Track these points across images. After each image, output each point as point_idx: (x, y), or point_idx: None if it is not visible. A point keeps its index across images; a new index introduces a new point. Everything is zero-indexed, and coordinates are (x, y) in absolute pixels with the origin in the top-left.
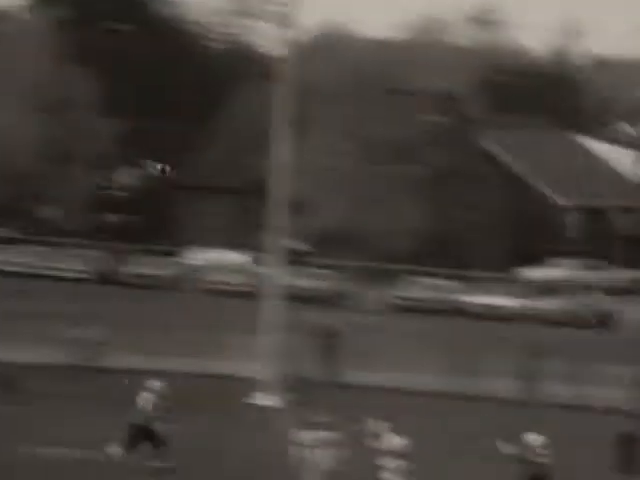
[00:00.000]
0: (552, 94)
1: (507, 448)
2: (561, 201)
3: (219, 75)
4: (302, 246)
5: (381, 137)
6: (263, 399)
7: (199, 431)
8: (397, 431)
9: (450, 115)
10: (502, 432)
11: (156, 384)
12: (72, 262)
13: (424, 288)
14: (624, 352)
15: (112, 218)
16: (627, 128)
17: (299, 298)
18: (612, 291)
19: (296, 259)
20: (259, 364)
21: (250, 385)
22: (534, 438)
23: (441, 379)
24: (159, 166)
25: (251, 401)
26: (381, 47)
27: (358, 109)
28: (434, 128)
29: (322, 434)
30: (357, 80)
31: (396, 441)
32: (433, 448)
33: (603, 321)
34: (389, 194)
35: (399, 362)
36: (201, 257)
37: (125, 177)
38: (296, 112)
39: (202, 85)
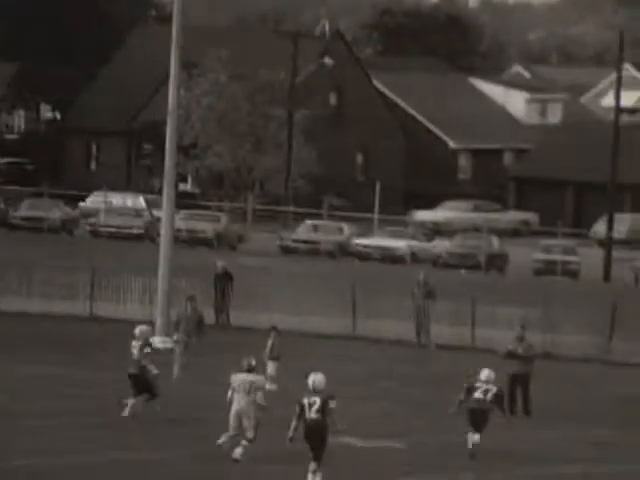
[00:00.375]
0: (445, 36)
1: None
2: (453, 143)
3: (113, 19)
4: (192, 188)
5: (271, 79)
6: (157, 342)
7: (98, 374)
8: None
9: (342, 57)
10: (394, 373)
11: (144, 329)
12: None
13: (316, 230)
14: (514, 294)
15: (2, 161)
16: (520, 71)
17: (190, 240)
18: (503, 233)
19: (186, 201)
20: (151, 307)
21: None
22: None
23: (333, 321)
24: (51, 109)
25: None
26: None
27: (247, 51)
28: (325, 70)
29: (243, 375)
30: (246, 22)
31: (315, 378)
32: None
33: (494, 263)
34: (280, 136)
35: (291, 304)
36: (93, 200)
37: (17, 120)
38: (187, 55)
39: (97, 28)
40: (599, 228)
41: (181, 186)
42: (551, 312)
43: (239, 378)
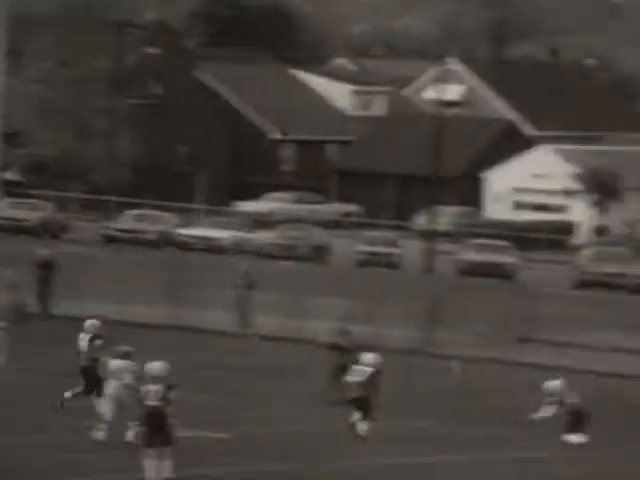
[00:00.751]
0: (269, 28)
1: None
2: (277, 134)
3: None
4: (16, 176)
5: (96, 68)
6: None
7: None
8: None
9: (165, 47)
10: (218, 363)
11: (93, 323)
12: None
13: (140, 220)
14: (337, 285)
15: None
16: (345, 63)
17: (13, 228)
18: (326, 224)
19: (10, 189)
20: None
21: None
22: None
23: (156, 310)
24: None
25: None
26: None
27: (72, 40)
28: (149, 60)
29: (117, 362)
30: (71, 10)
31: (156, 366)
32: None
33: (316, 254)
34: (104, 125)
35: (114, 294)
36: None
37: None
38: (10, 42)
39: None
40: (421, 220)
41: (6, 174)
42: (373, 304)
43: (113, 364)
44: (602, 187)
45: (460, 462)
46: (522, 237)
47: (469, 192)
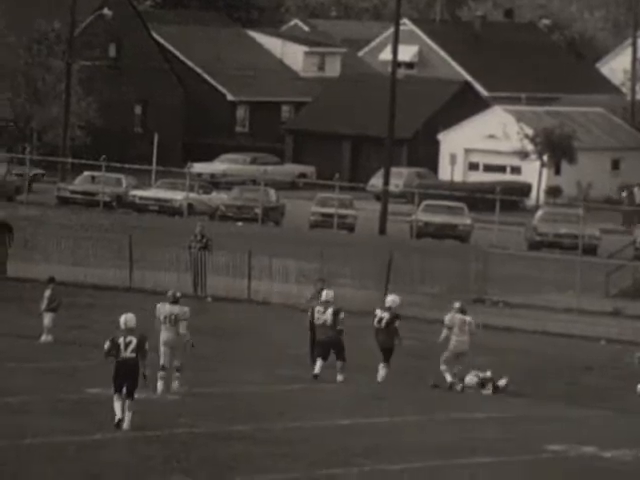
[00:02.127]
0: None
1: None
2: (231, 96)
3: None
4: None
5: (49, 30)
6: None
7: None
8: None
9: (120, 9)
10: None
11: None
12: None
13: (94, 181)
14: (290, 247)
15: None
16: (299, 24)
17: None
18: (281, 186)
19: None
20: None
21: None
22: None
23: (110, 272)
24: None
25: None
26: None
27: (25, 1)
28: (104, 22)
29: (168, 307)
30: None
31: (128, 318)
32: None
33: (271, 215)
34: (58, 87)
35: (69, 256)
36: None
37: None
38: None
39: None
40: (376, 182)
41: None
42: (327, 265)
43: (165, 309)
44: (555, 148)
45: (408, 422)
46: (476, 198)
47: (423, 153)
